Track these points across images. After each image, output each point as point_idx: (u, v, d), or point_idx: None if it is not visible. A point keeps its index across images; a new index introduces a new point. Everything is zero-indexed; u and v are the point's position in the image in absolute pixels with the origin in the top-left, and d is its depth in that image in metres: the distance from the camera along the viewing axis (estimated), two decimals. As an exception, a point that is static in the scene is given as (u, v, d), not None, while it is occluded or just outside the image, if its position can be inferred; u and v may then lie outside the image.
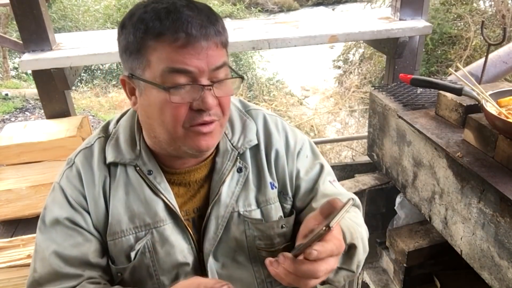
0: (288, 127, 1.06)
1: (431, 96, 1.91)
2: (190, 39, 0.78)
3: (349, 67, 7.94)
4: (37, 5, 2.06)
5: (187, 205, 0.96)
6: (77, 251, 0.91)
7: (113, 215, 0.92)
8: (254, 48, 2.29)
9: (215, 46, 0.81)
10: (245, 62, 8.50)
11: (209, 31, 0.79)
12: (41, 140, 2.07)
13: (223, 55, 0.84)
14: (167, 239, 0.92)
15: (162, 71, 0.80)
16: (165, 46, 0.78)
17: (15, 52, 7.68)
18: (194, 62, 0.79)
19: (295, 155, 1.02)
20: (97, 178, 0.92)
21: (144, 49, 0.80)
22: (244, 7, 10.43)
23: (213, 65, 0.81)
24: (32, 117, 5.77)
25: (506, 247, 1.21)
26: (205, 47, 0.79)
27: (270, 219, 0.98)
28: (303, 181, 1.02)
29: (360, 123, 6.64)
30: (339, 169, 2.38)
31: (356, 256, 0.87)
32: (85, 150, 0.97)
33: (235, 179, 0.96)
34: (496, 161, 1.32)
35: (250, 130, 0.99)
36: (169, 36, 0.78)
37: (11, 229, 1.97)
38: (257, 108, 1.06)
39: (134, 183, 0.92)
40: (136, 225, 0.92)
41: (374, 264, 2.08)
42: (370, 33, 2.33)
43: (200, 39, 0.78)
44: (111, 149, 0.93)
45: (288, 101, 7.81)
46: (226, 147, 0.96)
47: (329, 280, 0.88)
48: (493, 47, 2.20)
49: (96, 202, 0.92)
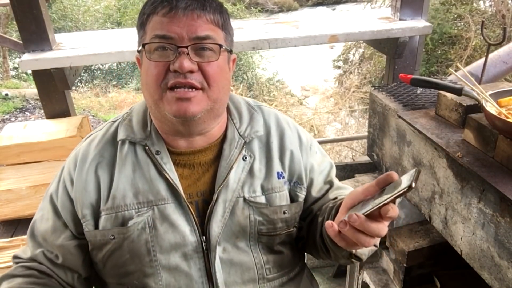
0: (298, 126, 1.15)
1: (431, 96, 1.91)
2: (174, 10, 0.87)
3: (349, 67, 7.94)
4: (37, 5, 2.06)
5: (191, 188, 1.00)
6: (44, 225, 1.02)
7: (118, 190, 0.96)
8: (254, 48, 2.29)
9: (198, 18, 0.88)
10: (245, 62, 8.50)
11: (194, 4, 0.88)
12: (41, 140, 2.07)
13: (209, 30, 0.90)
14: (167, 217, 0.96)
15: (150, 38, 0.90)
16: (155, 17, 0.90)
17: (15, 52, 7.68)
18: (174, 29, 0.87)
19: (308, 150, 1.10)
20: (91, 157, 0.99)
21: (143, 23, 0.92)
22: (244, 7, 10.41)
23: (193, 33, 0.88)
24: (32, 117, 5.77)
25: (506, 247, 1.21)
26: (188, 17, 0.88)
27: (274, 205, 1.03)
28: (317, 174, 1.10)
29: (360, 123, 6.65)
30: (339, 169, 2.38)
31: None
32: (92, 135, 1.05)
33: (241, 166, 1.00)
34: (496, 161, 1.32)
35: (257, 122, 1.05)
36: (159, 9, 0.89)
37: (11, 229, 1.97)
38: (270, 107, 1.14)
39: (142, 161, 0.97)
40: (140, 201, 0.96)
41: (374, 264, 2.08)
42: (370, 33, 2.33)
43: (183, 10, 0.88)
44: (123, 128, 1.01)
45: (288, 101, 7.82)
46: (233, 135, 1.02)
47: (358, 253, 0.95)
48: (493, 47, 2.20)
49: (83, 180, 0.98)
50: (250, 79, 8.30)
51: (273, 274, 1.04)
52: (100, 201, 0.97)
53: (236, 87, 7.87)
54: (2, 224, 2.00)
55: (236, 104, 1.08)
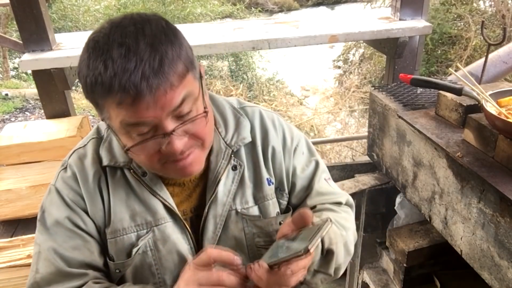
0: (285, 124, 1.06)
1: (431, 96, 1.91)
2: (135, 97, 0.72)
3: (349, 67, 7.94)
4: (37, 5, 2.06)
5: (184, 205, 0.97)
6: (78, 253, 0.90)
7: (115, 213, 0.92)
8: (254, 48, 2.29)
9: (165, 92, 0.74)
10: (245, 62, 8.50)
11: (154, 81, 0.72)
12: (41, 140, 2.07)
13: (182, 91, 0.77)
14: (169, 237, 0.93)
15: (119, 123, 0.77)
16: (114, 106, 0.75)
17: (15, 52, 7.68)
18: (148, 115, 0.75)
19: (292, 152, 1.02)
20: (91, 176, 0.92)
21: (98, 104, 0.78)
22: (244, 7, 10.41)
23: (170, 108, 0.76)
24: (32, 117, 5.77)
25: (506, 247, 1.21)
26: (154, 100, 0.73)
27: (268, 215, 0.98)
28: (299, 178, 1.03)
29: (360, 123, 6.64)
30: (339, 169, 2.38)
31: (334, 261, 0.90)
32: (78, 151, 0.97)
33: (230, 177, 0.96)
34: (496, 161, 1.32)
35: (244, 127, 0.98)
36: (114, 97, 0.73)
37: (11, 229, 1.97)
38: (253, 106, 1.05)
39: (133, 183, 0.92)
40: (138, 223, 0.92)
41: (374, 264, 2.08)
42: (370, 33, 2.33)
43: (145, 94, 0.72)
44: (105, 152, 0.93)
45: (288, 101, 7.82)
46: (219, 145, 0.96)
47: (306, 282, 0.90)
48: (493, 47, 2.20)
49: (93, 198, 0.92)
50: (250, 79, 8.30)
51: None
52: (104, 224, 0.93)
53: (236, 87, 7.88)
54: (2, 224, 2.00)
55: (220, 109, 1.00)
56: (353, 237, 1.03)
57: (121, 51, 0.72)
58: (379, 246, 2.04)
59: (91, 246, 0.92)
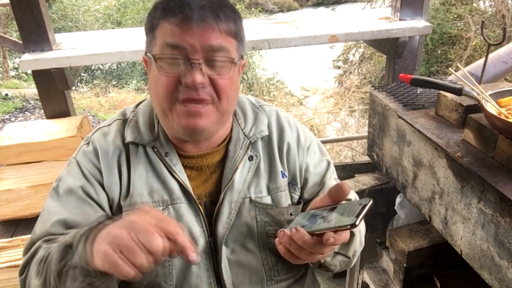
0: (299, 124, 1.13)
1: (431, 96, 1.91)
2: (187, 19, 0.84)
3: (349, 67, 7.94)
4: (37, 5, 2.06)
5: (200, 189, 1.01)
6: (81, 218, 0.93)
7: (134, 187, 0.96)
8: (254, 48, 2.29)
9: (211, 29, 0.85)
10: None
11: (207, 14, 0.84)
12: (41, 140, 2.07)
13: (222, 41, 0.87)
14: (182, 217, 0.96)
15: (160, 45, 0.87)
16: (166, 24, 0.86)
17: (15, 52, 7.68)
18: (187, 39, 0.84)
19: (305, 150, 1.09)
20: (111, 151, 0.98)
21: (153, 27, 0.89)
22: (244, 7, 10.41)
23: (207, 44, 0.85)
24: (32, 117, 5.77)
25: (506, 247, 1.21)
26: (201, 28, 0.84)
27: (280, 205, 1.03)
28: (311, 175, 1.08)
29: (360, 123, 6.65)
30: (339, 169, 2.38)
31: (353, 244, 0.96)
32: (102, 129, 1.03)
33: (246, 167, 1.01)
34: (496, 161, 1.32)
35: (262, 121, 1.05)
36: (170, 16, 0.85)
37: (11, 229, 1.97)
38: (270, 105, 1.13)
39: (154, 162, 0.98)
40: (155, 200, 0.96)
41: (374, 264, 2.08)
42: (370, 33, 2.33)
43: (196, 20, 0.84)
44: (130, 130, 1.00)
45: (288, 101, 7.82)
46: (238, 136, 1.02)
47: (327, 263, 0.96)
48: (493, 47, 2.20)
49: (111, 171, 0.97)
50: (250, 79, 8.30)
51: (281, 276, 1.04)
52: (120, 196, 0.97)
53: (236, 87, 7.86)
54: (2, 224, 2.00)
55: (240, 104, 1.08)
56: (364, 230, 1.09)
57: None
58: (379, 246, 2.04)
59: (97, 215, 0.94)
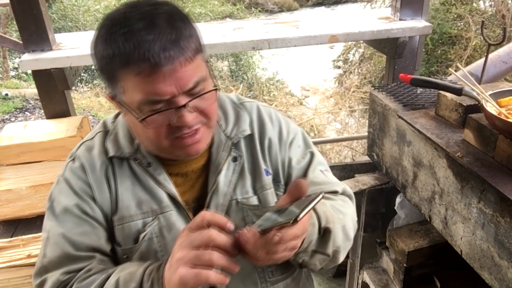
0: (282, 118, 1.09)
1: (431, 96, 1.91)
2: (154, 67, 0.77)
3: (349, 67, 7.94)
4: (37, 5, 2.06)
5: (187, 195, 1.00)
6: (86, 238, 0.93)
7: (122, 201, 0.95)
8: (254, 48, 2.29)
9: (181, 65, 0.79)
10: (245, 62, 8.50)
11: (172, 52, 0.77)
12: (41, 140, 2.07)
13: (197, 68, 0.82)
14: (173, 225, 0.96)
15: (137, 102, 0.81)
16: (132, 77, 0.79)
17: (15, 52, 7.68)
18: (164, 89, 0.79)
19: (287, 144, 1.06)
20: (99, 166, 0.96)
21: (115, 77, 0.81)
22: (244, 7, 10.42)
23: (186, 87, 0.81)
24: (32, 117, 5.77)
25: (506, 247, 1.21)
26: (171, 71, 0.78)
27: (267, 204, 1.01)
28: (294, 170, 1.05)
29: (360, 123, 6.65)
30: (339, 169, 2.38)
31: (331, 241, 0.91)
32: (86, 143, 1.02)
33: (231, 168, 0.99)
34: (496, 161, 1.32)
35: (243, 120, 1.03)
36: (133, 67, 0.77)
37: (11, 229, 1.97)
38: (252, 101, 1.10)
39: (138, 174, 0.96)
40: (144, 211, 0.95)
41: (374, 264, 2.08)
42: (370, 33, 2.33)
43: (163, 64, 0.77)
44: (110, 144, 0.98)
45: (288, 101, 7.82)
46: (220, 138, 1.00)
47: (305, 263, 0.91)
48: (493, 47, 2.20)
49: (100, 186, 0.96)
50: (250, 79, 8.30)
51: (276, 276, 1.03)
52: (111, 211, 0.96)
53: (236, 87, 7.87)
54: (2, 224, 2.00)
55: (220, 103, 1.05)
56: (352, 223, 1.03)
57: (140, 25, 0.77)
58: (379, 246, 2.04)
59: (98, 232, 0.95)
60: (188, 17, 0.85)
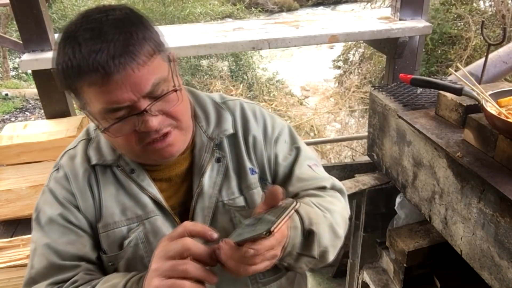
0: (267, 114, 1.07)
1: (431, 96, 1.91)
2: (105, 76, 0.75)
3: (349, 67, 7.94)
4: (37, 5, 2.06)
5: (172, 200, 0.98)
6: (71, 247, 0.93)
7: (106, 208, 0.95)
8: (254, 48, 2.29)
9: (134, 70, 0.77)
10: (245, 62, 8.50)
11: (122, 59, 0.75)
12: (41, 140, 2.07)
13: (154, 70, 0.80)
14: (159, 230, 0.94)
15: (99, 111, 0.81)
16: (87, 89, 0.78)
17: (15, 52, 7.69)
18: (121, 96, 0.78)
19: (272, 141, 1.03)
20: (81, 174, 0.96)
21: (76, 89, 0.81)
22: (244, 7, 10.41)
23: (143, 91, 0.79)
24: (32, 117, 5.78)
25: (506, 247, 1.21)
26: (124, 77, 0.76)
27: (254, 204, 0.99)
28: (281, 166, 1.03)
29: (360, 123, 6.64)
30: (339, 169, 2.38)
31: (316, 242, 0.87)
32: (69, 152, 1.01)
33: (215, 170, 0.97)
34: (496, 161, 1.32)
35: (225, 120, 1.00)
36: (85, 78, 0.77)
37: (11, 229, 1.97)
38: (235, 99, 1.07)
39: (122, 180, 0.96)
40: (128, 217, 0.95)
41: (374, 264, 2.08)
42: (370, 33, 2.33)
43: (114, 72, 0.75)
44: (93, 152, 0.97)
45: (288, 101, 7.81)
46: (201, 139, 0.98)
47: (291, 266, 0.88)
48: (493, 47, 2.20)
49: (83, 195, 0.95)
50: (250, 79, 8.30)
51: (268, 277, 1.01)
52: (95, 218, 0.96)
53: (236, 87, 7.87)
54: (2, 224, 2.00)
55: (202, 104, 1.03)
56: (341, 219, 0.99)
57: (86, 35, 0.76)
58: (379, 246, 2.04)
59: (84, 240, 0.95)
60: (143, 19, 0.82)
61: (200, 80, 7.92)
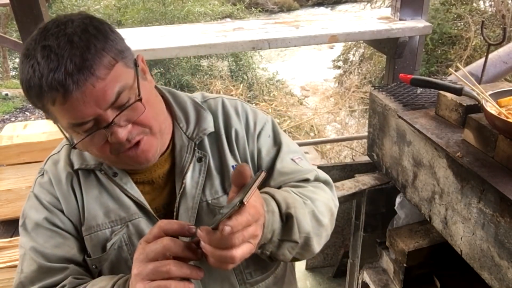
0: (249, 109, 1.05)
1: (431, 96, 1.91)
2: (64, 95, 0.74)
3: (349, 67, 7.95)
4: (37, 5, 2.06)
5: (156, 202, 0.98)
6: (59, 250, 0.94)
7: (89, 211, 0.95)
8: (254, 48, 2.29)
9: (93, 85, 0.75)
10: (245, 62, 8.50)
11: (79, 76, 0.74)
12: (41, 140, 2.07)
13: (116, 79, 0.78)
14: (143, 232, 0.94)
15: (67, 126, 0.81)
16: (52, 106, 0.78)
17: (15, 52, 7.68)
18: (85, 111, 0.77)
19: (255, 136, 1.02)
20: (64, 179, 0.96)
21: (41, 108, 0.81)
22: (244, 7, 10.41)
23: (107, 102, 0.78)
24: (32, 117, 5.78)
25: (506, 247, 1.21)
26: (83, 93, 0.75)
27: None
28: (264, 161, 1.02)
29: (360, 123, 6.65)
30: (339, 169, 2.38)
31: (296, 226, 0.85)
32: (53, 157, 1.02)
33: (197, 169, 0.97)
34: (496, 161, 1.32)
35: (204, 119, 1.00)
36: (46, 97, 0.76)
37: (11, 229, 1.97)
38: (216, 96, 1.06)
39: (105, 183, 0.96)
40: (112, 219, 0.95)
41: (374, 264, 2.08)
42: (370, 33, 2.33)
43: (73, 90, 0.74)
44: (75, 156, 0.97)
45: (288, 101, 7.81)
46: (182, 140, 0.97)
47: (274, 254, 0.86)
48: (493, 47, 2.20)
49: (67, 198, 0.96)
50: (250, 79, 8.30)
51: (255, 277, 1.00)
52: (80, 222, 0.96)
53: (236, 87, 7.87)
54: (2, 224, 2.00)
55: (182, 105, 1.02)
56: (325, 208, 0.96)
57: (44, 53, 0.75)
58: (379, 246, 2.04)
59: (70, 243, 0.95)
60: (101, 26, 0.80)
61: (200, 80, 7.93)
